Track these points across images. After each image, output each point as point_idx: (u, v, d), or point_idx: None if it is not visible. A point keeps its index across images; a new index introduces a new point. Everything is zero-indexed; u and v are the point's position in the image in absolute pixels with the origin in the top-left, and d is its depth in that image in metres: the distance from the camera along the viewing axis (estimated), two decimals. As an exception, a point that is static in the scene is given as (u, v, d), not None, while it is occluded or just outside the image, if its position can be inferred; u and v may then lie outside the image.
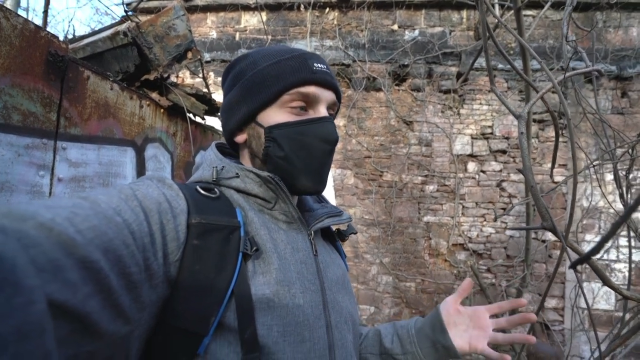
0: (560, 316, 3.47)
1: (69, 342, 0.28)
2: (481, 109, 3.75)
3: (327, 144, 0.55)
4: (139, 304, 0.36)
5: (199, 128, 1.72)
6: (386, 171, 3.80)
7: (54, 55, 0.95)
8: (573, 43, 1.23)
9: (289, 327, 0.45)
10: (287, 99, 0.54)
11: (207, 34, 4.20)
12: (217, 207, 0.48)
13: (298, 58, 0.55)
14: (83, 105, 1.06)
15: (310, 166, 0.55)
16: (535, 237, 3.51)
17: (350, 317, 0.57)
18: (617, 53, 3.53)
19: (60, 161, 0.97)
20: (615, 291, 0.72)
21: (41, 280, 0.25)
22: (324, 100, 0.56)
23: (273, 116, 0.55)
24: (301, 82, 0.53)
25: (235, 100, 0.57)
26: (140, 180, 0.46)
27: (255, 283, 0.45)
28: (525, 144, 0.78)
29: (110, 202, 0.37)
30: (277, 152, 0.54)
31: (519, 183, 3.59)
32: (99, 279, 0.30)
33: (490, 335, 0.61)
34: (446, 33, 3.87)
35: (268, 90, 0.54)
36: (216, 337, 0.42)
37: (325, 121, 0.55)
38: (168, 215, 0.42)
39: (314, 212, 0.61)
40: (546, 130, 3.66)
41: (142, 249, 0.37)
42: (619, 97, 3.57)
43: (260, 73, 0.55)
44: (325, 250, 0.60)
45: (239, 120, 0.57)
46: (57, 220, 0.30)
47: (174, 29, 1.41)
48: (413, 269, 3.67)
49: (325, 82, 0.55)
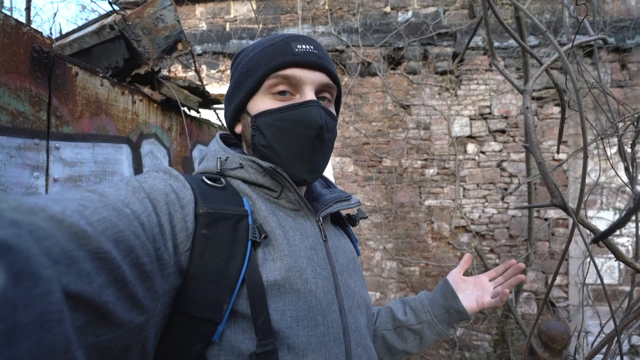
0: (565, 293, 3.50)
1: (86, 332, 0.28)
2: (479, 89, 3.70)
3: (311, 129, 0.52)
4: (153, 294, 0.36)
5: (195, 122, 1.69)
6: (385, 157, 3.77)
7: (38, 51, 0.92)
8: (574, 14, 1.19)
9: (301, 312, 0.45)
10: (269, 84, 0.53)
11: (196, 25, 4.11)
12: (224, 197, 0.48)
13: (280, 42, 0.54)
14: (74, 103, 1.03)
15: (295, 154, 0.53)
16: (538, 216, 3.51)
17: (363, 300, 0.57)
18: (615, 24, 3.46)
19: (54, 161, 0.94)
20: (629, 265, 0.71)
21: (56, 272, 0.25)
22: (309, 82, 0.53)
23: (259, 103, 0.54)
24: (281, 65, 0.52)
25: (230, 92, 0.59)
26: (146, 173, 0.46)
27: (265, 270, 0.45)
28: (531, 120, 0.75)
29: (118, 194, 0.37)
30: (260, 140, 0.54)
31: (520, 162, 3.57)
32: (113, 269, 0.30)
33: (492, 291, 0.71)
34: (440, 13, 3.79)
35: (252, 78, 0.54)
36: (230, 324, 0.42)
37: (309, 105, 0.52)
38: (176, 206, 0.42)
39: (322, 198, 0.61)
40: (545, 108, 3.62)
41: (152, 239, 0.37)
42: (619, 69, 3.53)
43: (248, 63, 0.55)
44: (335, 236, 0.60)
45: (233, 111, 0.58)
46: (67, 212, 0.29)
47: (162, 20, 1.37)
48: (416, 254, 3.68)
49: (309, 62, 0.53)
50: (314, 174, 0.55)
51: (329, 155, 0.60)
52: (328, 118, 0.55)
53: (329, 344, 0.47)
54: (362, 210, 0.68)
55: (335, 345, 0.47)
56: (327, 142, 0.56)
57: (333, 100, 0.60)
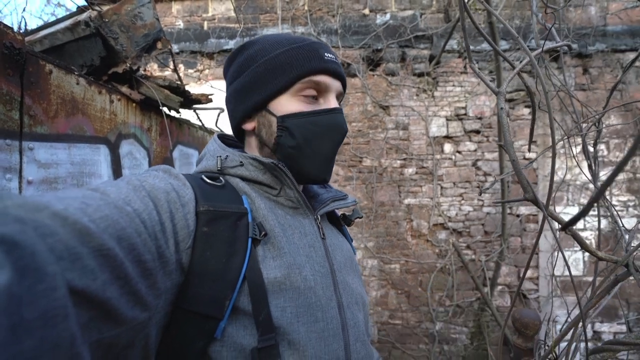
0: (535, 285, 3.68)
1: (91, 328, 0.28)
2: (454, 90, 3.83)
3: (338, 135, 0.56)
4: (155, 291, 0.36)
5: (175, 122, 1.66)
6: (365, 157, 3.83)
7: (9, 47, 0.88)
8: (542, 20, 1.27)
9: (301, 308, 0.46)
10: (299, 87, 0.54)
11: (173, 24, 4.02)
12: (224, 195, 0.49)
13: (310, 46, 0.55)
14: (48, 102, 0.99)
15: (321, 156, 0.55)
16: (510, 213, 3.68)
17: (360, 297, 0.58)
18: (577, 31, 3.69)
19: (28, 162, 0.90)
20: (592, 254, 0.76)
21: (61, 268, 0.25)
22: (333, 90, 0.56)
23: (285, 105, 0.54)
24: (314, 70, 0.54)
25: (245, 87, 0.56)
26: (146, 172, 0.46)
27: (266, 267, 0.46)
28: (506, 120, 0.80)
29: (119, 192, 0.37)
30: (289, 141, 0.54)
31: (493, 162, 3.72)
32: (116, 266, 0.31)
33: None
34: (417, 16, 3.89)
35: (281, 78, 0.53)
36: (232, 320, 0.43)
37: (337, 112, 0.56)
38: (176, 204, 0.42)
39: (319, 197, 0.62)
40: (516, 109, 3.80)
41: (153, 237, 0.37)
42: (582, 73, 3.75)
43: (273, 60, 0.54)
44: (333, 234, 0.61)
45: (249, 107, 0.56)
46: (70, 210, 0.30)
47: (140, 18, 1.34)
48: (397, 251, 3.76)
49: (336, 72, 0.56)
50: (330, 174, 0.59)
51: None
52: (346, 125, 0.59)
53: (329, 340, 0.48)
54: (358, 210, 0.69)
55: (335, 340, 0.48)
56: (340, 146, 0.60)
57: None
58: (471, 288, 3.65)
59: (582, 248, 0.73)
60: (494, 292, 3.60)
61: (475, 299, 3.67)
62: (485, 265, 3.65)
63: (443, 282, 3.70)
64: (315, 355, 0.46)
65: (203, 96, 1.68)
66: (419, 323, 3.69)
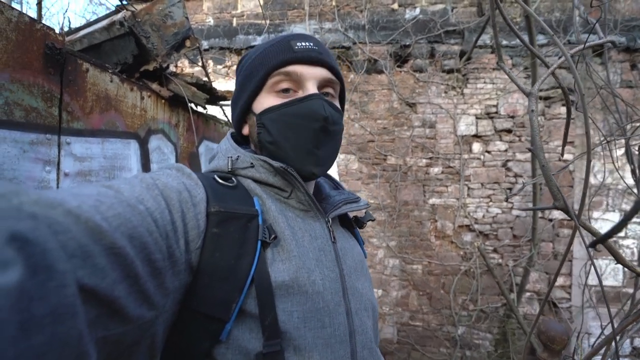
0: (568, 294, 3.49)
1: (98, 326, 0.29)
2: (485, 87, 3.67)
3: (315, 121, 0.53)
4: (163, 290, 0.37)
5: (201, 118, 1.70)
6: (390, 155, 3.77)
7: (51, 48, 0.93)
8: (584, 14, 1.18)
9: (309, 313, 0.46)
10: (271, 83, 0.54)
11: (203, 21, 4.12)
12: (235, 196, 0.49)
13: (281, 42, 0.55)
14: (84, 99, 1.05)
15: (301, 147, 0.53)
16: (542, 216, 3.50)
17: (370, 303, 0.57)
18: (626, 23, 3.41)
19: (65, 156, 0.96)
20: (629, 269, 0.71)
21: (72, 265, 0.26)
22: (310, 78, 0.54)
23: (263, 102, 0.55)
24: (281, 62, 0.53)
25: (235, 95, 0.60)
26: (160, 170, 0.46)
27: (274, 270, 0.46)
28: (536, 122, 0.76)
29: (132, 191, 0.38)
30: (266, 137, 0.54)
31: (525, 162, 3.55)
32: (126, 265, 0.31)
33: None
34: (448, 10, 3.75)
35: (255, 79, 0.55)
36: (238, 323, 0.43)
37: (312, 98, 0.53)
38: (188, 204, 0.42)
39: (331, 199, 0.61)
40: (552, 108, 3.59)
41: (165, 236, 0.37)
42: (629, 69, 3.47)
43: (250, 65, 0.57)
44: (344, 237, 0.60)
45: (240, 112, 0.59)
46: (83, 207, 0.30)
47: (170, 17, 1.38)
48: (419, 252, 3.69)
49: (310, 58, 0.54)
50: (321, 167, 0.55)
51: (337, 149, 0.60)
52: (332, 110, 0.55)
53: (335, 346, 0.47)
54: (370, 213, 0.67)
55: (341, 347, 0.47)
56: (333, 134, 0.56)
57: (337, 96, 0.61)
58: (497, 293, 3.52)
59: (617, 262, 0.68)
60: (521, 298, 3.45)
61: (500, 304, 3.53)
62: (513, 270, 3.50)
63: (467, 286, 3.59)
64: None
65: (229, 93, 1.72)
66: (441, 326, 3.61)
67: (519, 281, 3.44)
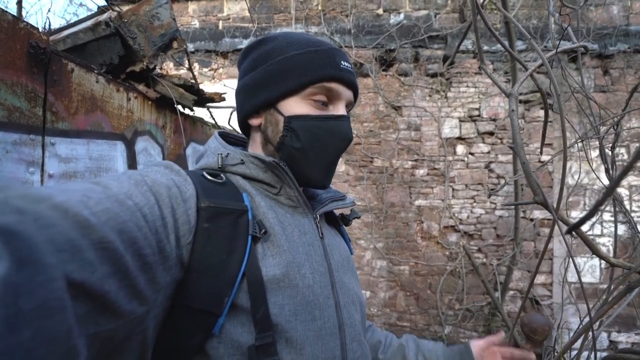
0: (549, 291, 3.60)
1: (88, 321, 0.28)
2: (468, 91, 3.78)
3: (342, 142, 0.57)
4: (154, 285, 0.36)
5: (189, 120, 1.69)
6: (376, 157, 3.82)
7: (35, 47, 0.92)
8: (559, 21, 1.24)
9: (300, 306, 0.47)
10: (311, 92, 0.54)
11: (189, 23, 4.09)
12: (224, 192, 0.49)
13: (327, 52, 0.55)
14: (69, 99, 1.03)
15: (323, 161, 0.56)
16: (524, 216, 3.61)
17: (358, 298, 0.58)
18: (598, 31, 3.58)
19: (49, 157, 0.94)
20: (603, 259, 0.75)
21: (60, 260, 0.25)
22: (344, 99, 0.57)
23: (294, 106, 0.55)
24: (328, 77, 0.54)
25: (257, 83, 0.56)
26: (148, 167, 0.46)
27: (265, 264, 0.46)
28: (516, 122, 0.80)
29: (121, 186, 0.38)
30: (293, 142, 0.54)
31: (507, 164, 3.66)
32: (115, 259, 0.31)
33: None
34: (431, 16, 3.85)
35: (294, 80, 0.54)
36: (230, 317, 0.43)
37: (344, 120, 0.57)
38: (178, 199, 0.42)
39: (319, 197, 0.62)
40: (532, 111, 3.72)
41: (154, 231, 0.37)
42: (602, 75, 3.65)
43: (288, 61, 0.54)
44: (331, 234, 0.61)
45: (258, 103, 0.57)
46: (71, 202, 0.30)
47: (157, 18, 1.37)
48: (406, 253, 3.74)
49: (349, 81, 0.56)
50: (329, 180, 0.59)
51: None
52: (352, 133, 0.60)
53: (325, 338, 0.48)
54: (356, 210, 0.69)
55: (331, 339, 0.48)
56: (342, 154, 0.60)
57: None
58: (482, 292, 3.60)
59: (592, 252, 0.72)
60: (505, 297, 3.54)
61: (485, 303, 3.62)
62: (497, 269, 3.59)
63: (453, 285, 3.66)
64: (313, 353, 0.46)
65: (216, 95, 1.71)
66: (428, 326, 3.66)
67: (502, 280, 3.53)
